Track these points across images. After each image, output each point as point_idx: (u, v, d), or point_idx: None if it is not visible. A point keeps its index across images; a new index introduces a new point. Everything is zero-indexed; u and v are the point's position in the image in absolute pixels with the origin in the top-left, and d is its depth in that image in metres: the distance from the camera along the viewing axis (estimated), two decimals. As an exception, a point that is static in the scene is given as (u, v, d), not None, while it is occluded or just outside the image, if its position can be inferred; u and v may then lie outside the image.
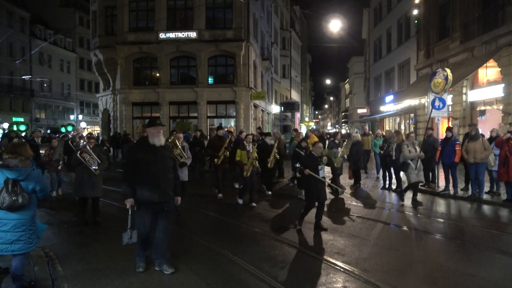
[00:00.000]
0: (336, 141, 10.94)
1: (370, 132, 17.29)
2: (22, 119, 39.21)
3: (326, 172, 8.82)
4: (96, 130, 43.11)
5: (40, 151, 11.44)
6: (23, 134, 16.22)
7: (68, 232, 6.89)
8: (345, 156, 10.91)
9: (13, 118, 38.75)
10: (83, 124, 45.16)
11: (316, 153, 6.88)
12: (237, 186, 10.72)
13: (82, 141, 7.06)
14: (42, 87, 44.09)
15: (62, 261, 5.19)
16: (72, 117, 49.65)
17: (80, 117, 49.85)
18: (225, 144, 9.95)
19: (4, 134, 15.99)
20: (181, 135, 8.73)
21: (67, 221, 7.60)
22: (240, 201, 8.94)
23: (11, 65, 38.25)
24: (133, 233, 4.58)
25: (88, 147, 7.01)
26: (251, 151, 8.88)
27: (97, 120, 40.62)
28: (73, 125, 18.49)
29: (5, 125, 35.10)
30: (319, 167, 7.06)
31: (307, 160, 6.94)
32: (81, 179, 6.99)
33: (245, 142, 9.25)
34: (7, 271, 4.47)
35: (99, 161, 7.07)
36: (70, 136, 9.04)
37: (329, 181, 9.08)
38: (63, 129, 16.41)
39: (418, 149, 8.94)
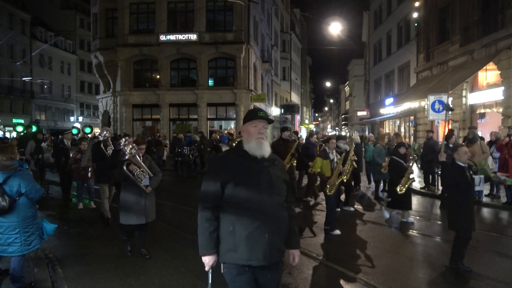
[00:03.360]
0: (450, 145, 8.45)
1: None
2: (22, 121, 39.22)
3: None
4: (96, 132, 43.06)
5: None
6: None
7: (68, 233, 6.88)
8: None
9: (13, 119, 38.75)
10: (77, 125, 44.89)
11: (462, 161, 4.96)
12: (312, 200, 9.45)
13: (129, 147, 5.10)
14: (43, 88, 44.11)
15: (62, 263, 5.18)
16: (72, 118, 49.66)
17: (80, 118, 49.86)
18: (292, 150, 8.10)
19: (23, 136, 14.02)
20: None
21: (67, 223, 7.59)
22: (337, 232, 6.65)
23: (11, 66, 38.28)
24: None
25: (138, 156, 5.19)
26: (335, 160, 6.82)
27: (97, 122, 40.64)
28: (90, 127, 16.49)
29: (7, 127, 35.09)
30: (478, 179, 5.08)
31: (458, 174, 4.88)
32: (128, 200, 5.19)
33: (326, 148, 6.95)
34: (7, 272, 4.47)
35: (151, 175, 5.25)
36: (101, 137, 7.07)
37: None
38: (75, 131, 15.19)
39: None
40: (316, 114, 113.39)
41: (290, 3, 48.55)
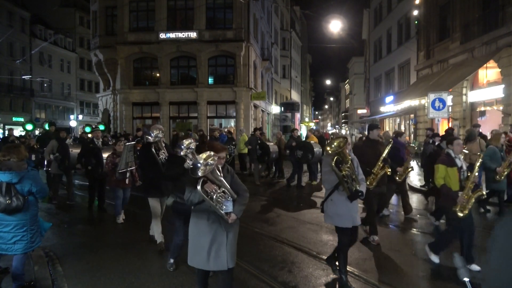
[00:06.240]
0: None
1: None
2: (22, 119, 39.24)
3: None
4: (96, 130, 42.91)
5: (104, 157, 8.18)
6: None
7: (68, 232, 6.89)
8: None
9: (13, 118, 38.79)
10: (73, 123, 44.78)
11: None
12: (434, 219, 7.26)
13: (205, 156, 3.39)
14: (42, 87, 44.10)
15: (62, 261, 5.19)
16: (72, 117, 49.67)
17: (80, 117, 49.87)
18: (384, 154, 5.93)
19: (44, 134, 12.48)
20: (348, 139, 4.76)
21: (67, 221, 7.60)
22: (436, 260, 5.17)
23: (11, 65, 38.25)
24: None
25: (218, 170, 3.56)
26: (464, 167, 5.02)
27: (97, 120, 40.63)
28: (104, 124, 15.39)
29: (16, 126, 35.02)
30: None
31: None
32: (201, 235, 3.57)
33: (451, 151, 5.03)
34: (7, 270, 4.49)
35: (235, 196, 3.59)
36: (150, 138, 5.51)
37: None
38: (88, 129, 14.38)
39: None
40: (316, 112, 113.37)
41: (290, 1, 48.46)
